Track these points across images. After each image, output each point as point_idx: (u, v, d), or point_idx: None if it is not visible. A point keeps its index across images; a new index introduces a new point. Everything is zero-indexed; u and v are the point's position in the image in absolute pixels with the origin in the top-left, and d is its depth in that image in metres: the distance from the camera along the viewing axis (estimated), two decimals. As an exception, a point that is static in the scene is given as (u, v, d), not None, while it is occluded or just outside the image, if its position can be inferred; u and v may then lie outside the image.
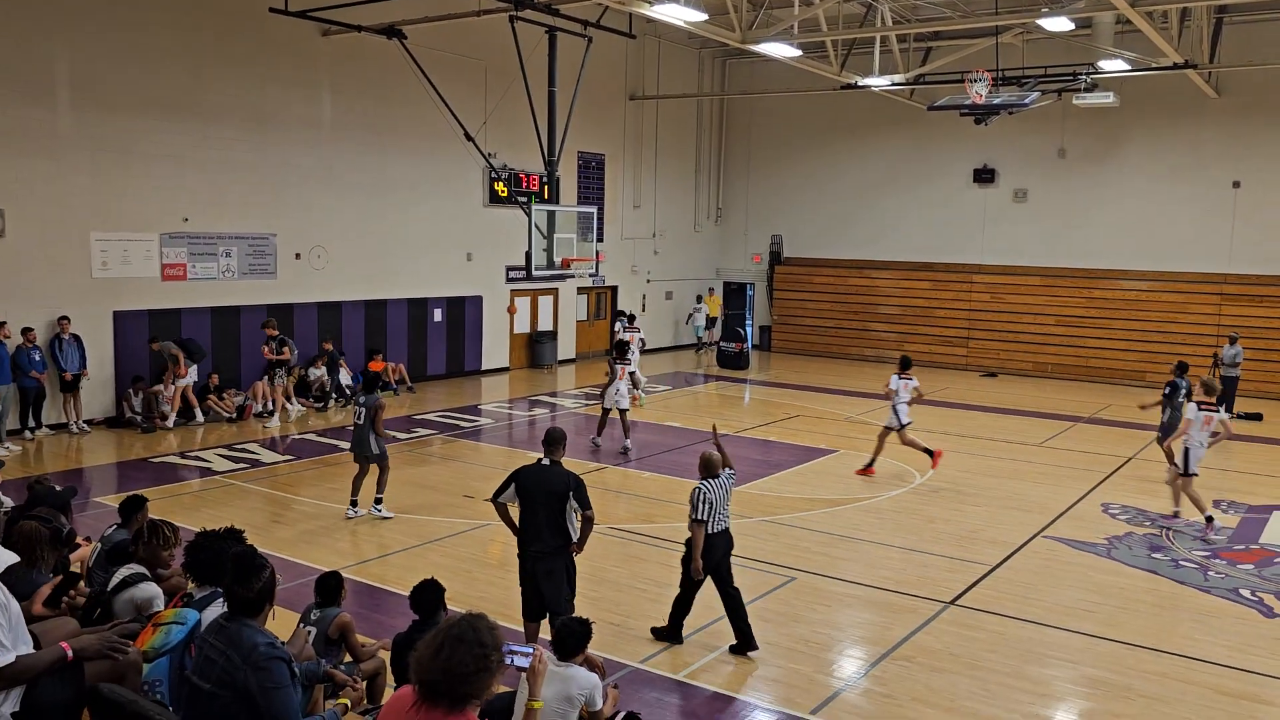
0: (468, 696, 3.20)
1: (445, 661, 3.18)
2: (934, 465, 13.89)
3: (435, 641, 3.24)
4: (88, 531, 7.94)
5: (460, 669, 3.16)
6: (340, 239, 19.36)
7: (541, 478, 7.16)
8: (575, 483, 7.10)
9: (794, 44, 17.90)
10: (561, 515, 7.08)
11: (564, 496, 7.04)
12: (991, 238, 25.75)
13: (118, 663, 4.40)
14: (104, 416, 16.16)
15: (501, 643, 3.29)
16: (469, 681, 3.18)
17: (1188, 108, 22.67)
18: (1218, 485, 13.96)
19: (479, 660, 3.17)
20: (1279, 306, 22.03)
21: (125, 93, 15.88)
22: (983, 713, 6.92)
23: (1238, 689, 7.43)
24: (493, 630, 3.29)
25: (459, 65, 20.47)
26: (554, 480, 7.12)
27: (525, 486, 7.18)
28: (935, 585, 9.48)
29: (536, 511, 7.13)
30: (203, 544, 4.94)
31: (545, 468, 7.22)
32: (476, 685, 3.19)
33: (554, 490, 7.07)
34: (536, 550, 7.16)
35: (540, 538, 7.13)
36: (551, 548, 7.13)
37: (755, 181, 29.37)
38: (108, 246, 15.93)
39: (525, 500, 7.17)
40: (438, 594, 6.00)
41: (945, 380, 23.75)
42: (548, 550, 7.13)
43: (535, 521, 7.14)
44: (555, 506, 7.07)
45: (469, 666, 3.16)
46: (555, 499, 7.06)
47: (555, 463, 7.26)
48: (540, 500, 7.10)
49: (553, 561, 7.15)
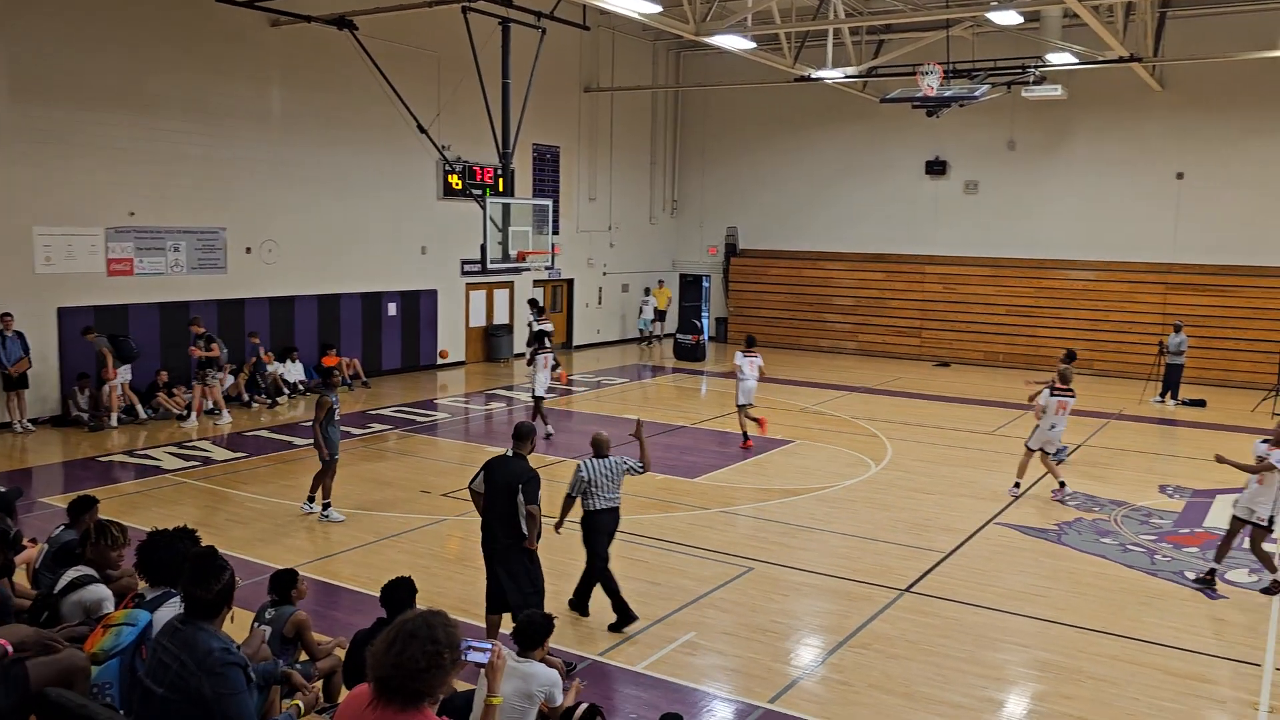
0: (420, 694, 3.17)
1: (397, 657, 3.15)
2: (762, 430, 15.24)
3: (389, 637, 3.20)
4: (34, 533, 7.76)
5: (411, 665, 3.13)
6: (292, 232, 19.08)
7: (503, 470, 7.20)
8: (526, 477, 7.10)
9: (748, 36, 17.96)
10: (514, 509, 7.09)
11: (515, 490, 7.06)
12: (943, 229, 26.08)
13: (65, 667, 4.31)
14: (49, 415, 15.79)
15: (457, 641, 3.25)
16: (420, 678, 3.14)
17: (1133, 101, 23.12)
18: (1163, 470, 14.31)
19: (430, 657, 3.13)
20: (1222, 295, 22.57)
21: (66, 83, 15.49)
22: (938, 698, 7.03)
23: (1184, 669, 7.62)
24: (448, 627, 3.25)
25: (411, 57, 20.25)
26: (510, 473, 7.15)
27: (490, 477, 7.23)
28: (891, 573, 9.60)
29: (495, 503, 7.18)
30: (156, 543, 4.84)
31: (507, 460, 7.26)
32: (428, 682, 3.15)
33: (509, 483, 7.11)
34: (493, 542, 7.21)
35: (495, 530, 7.18)
36: (505, 542, 7.15)
37: (710, 174, 29.44)
38: (51, 241, 15.54)
39: (488, 491, 7.23)
40: (409, 592, 5.95)
41: (898, 370, 24.05)
42: (502, 544, 7.16)
43: (494, 513, 7.19)
44: (509, 500, 7.09)
45: (420, 663, 3.12)
46: (509, 492, 7.09)
47: (518, 455, 7.28)
48: (498, 492, 7.15)
49: (509, 555, 7.15)
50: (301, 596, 6.36)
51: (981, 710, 6.89)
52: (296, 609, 6.17)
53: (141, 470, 13.10)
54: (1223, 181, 22.64)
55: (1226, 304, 22.46)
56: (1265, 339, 21.56)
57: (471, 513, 11.28)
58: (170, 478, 12.70)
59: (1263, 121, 22.09)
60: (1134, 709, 6.94)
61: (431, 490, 12.22)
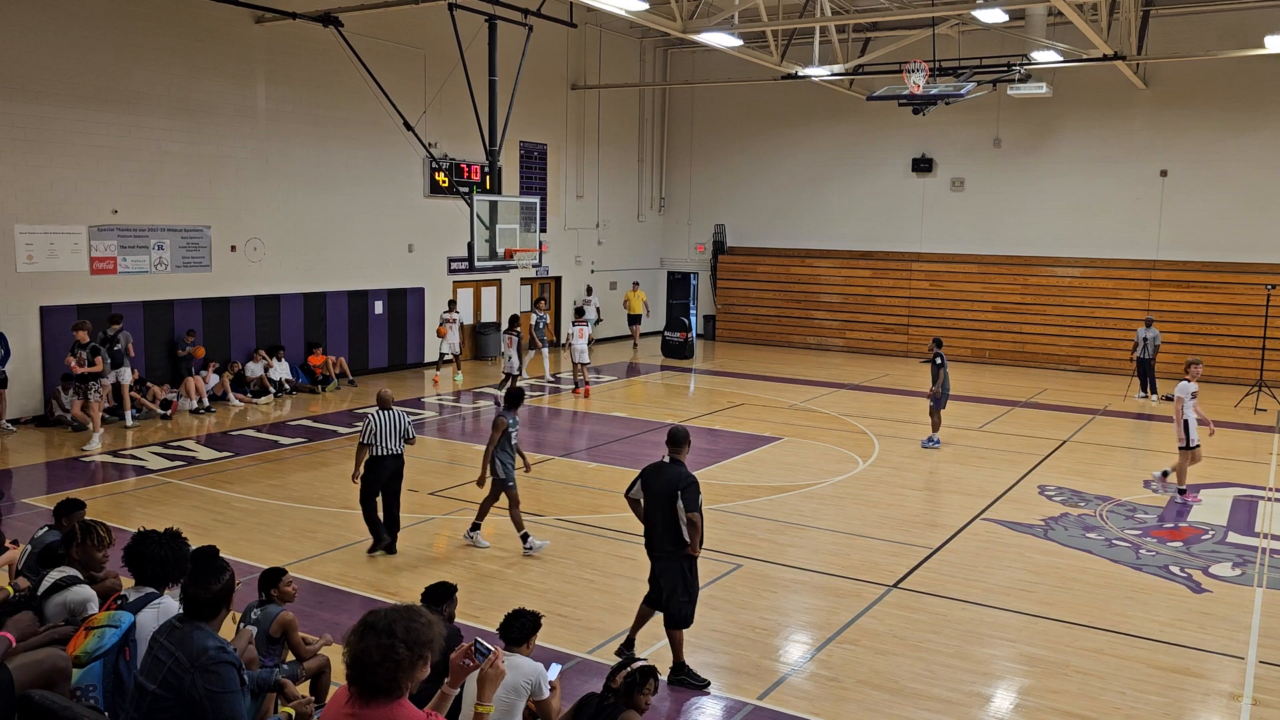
0: (376, 687, 3.15)
1: (354, 648, 3.17)
2: (585, 395, 18.40)
3: (355, 628, 3.21)
4: (16, 534, 7.71)
5: (365, 657, 3.13)
6: (277, 230, 18.99)
7: (660, 476, 7.07)
8: (685, 483, 6.96)
9: (735, 34, 17.96)
10: (675, 516, 6.95)
11: (674, 496, 6.92)
12: (930, 226, 26.17)
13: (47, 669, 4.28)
14: (32, 415, 15.67)
15: (422, 638, 3.19)
16: (375, 670, 3.13)
17: (1117, 99, 23.24)
18: (1146, 465, 14.38)
19: (384, 650, 3.12)
20: (1205, 292, 22.72)
21: (48, 80, 15.37)
22: (926, 693, 7.05)
23: (1169, 663, 7.66)
24: (411, 623, 3.20)
25: (398, 54, 20.18)
26: (669, 480, 7.01)
27: (648, 485, 7.13)
28: (878, 569, 9.63)
29: (655, 511, 7.07)
30: (143, 544, 4.76)
31: (664, 466, 7.13)
32: (383, 675, 3.13)
33: (668, 490, 6.97)
34: (656, 550, 7.13)
35: (658, 538, 7.08)
36: (667, 549, 7.04)
37: (698, 171, 29.45)
38: (33, 239, 15.42)
39: (647, 500, 7.14)
40: (443, 596, 6.01)
41: (886, 367, 24.12)
42: (664, 551, 7.05)
43: (655, 521, 7.09)
44: (669, 506, 6.95)
45: (373, 656, 3.12)
46: (669, 499, 6.95)
47: (675, 461, 7.14)
48: (657, 499, 7.03)
49: (669, 563, 7.06)
50: (288, 599, 6.28)
51: (969, 705, 6.92)
52: (283, 609, 6.13)
53: (126, 470, 13.02)
54: (1206, 179, 22.79)
55: (1210, 300, 22.61)
56: (1248, 335, 21.70)
57: (458, 511, 11.29)
58: (155, 478, 12.63)
59: (1246, 119, 22.24)
60: (1120, 702, 6.98)
61: (419, 489, 12.18)
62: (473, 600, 8.45)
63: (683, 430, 7.32)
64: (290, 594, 6.32)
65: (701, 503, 7.04)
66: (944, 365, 15.05)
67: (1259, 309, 20.55)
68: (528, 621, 5.58)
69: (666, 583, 7.09)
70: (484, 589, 8.85)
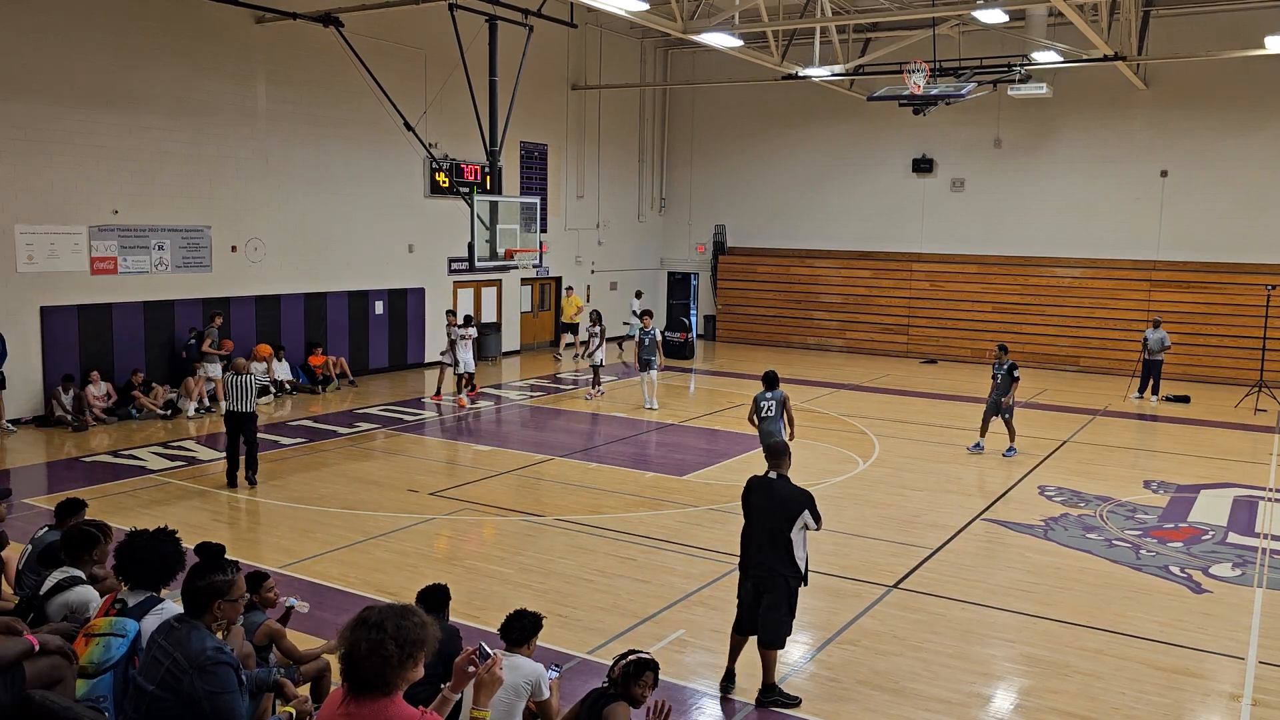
0: (365, 681, 3.16)
1: (344, 641, 3.20)
2: (468, 398, 17.99)
3: (351, 621, 3.23)
4: (16, 534, 7.71)
5: (354, 650, 3.16)
6: (278, 231, 18.99)
7: (770, 493, 6.86)
8: (808, 500, 6.79)
9: (735, 34, 17.96)
10: (786, 534, 6.73)
11: (792, 516, 6.72)
12: (930, 226, 26.16)
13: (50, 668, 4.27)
14: (32, 415, 15.68)
15: (412, 637, 3.20)
16: (361, 665, 3.15)
17: (1117, 99, 23.24)
18: (1146, 465, 14.39)
19: (372, 645, 3.14)
20: (1205, 292, 22.73)
21: (48, 80, 15.37)
22: (926, 693, 7.05)
23: (1169, 663, 7.67)
24: (403, 621, 3.20)
25: (398, 54, 20.18)
26: (784, 498, 6.81)
27: (756, 502, 6.91)
28: (878, 569, 9.63)
29: (761, 528, 6.86)
30: (135, 544, 4.68)
31: (772, 483, 6.90)
32: (370, 670, 3.14)
33: (785, 508, 6.76)
34: (760, 569, 6.88)
35: (762, 556, 6.84)
36: (774, 569, 6.80)
37: (698, 171, 29.45)
38: (33, 240, 15.43)
39: (754, 516, 6.90)
40: (440, 599, 5.92)
41: (886, 367, 24.11)
42: (771, 570, 6.81)
43: (760, 539, 6.86)
44: (783, 524, 6.75)
45: (361, 649, 3.14)
46: (785, 517, 6.75)
47: (783, 478, 6.92)
48: (767, 516, 6.81)
49: (776, 582, 6.84)
50: (269, 604, 6.11)
51: (969, 705, 6.92)
52: (266, 616, 5.95)
53: (126, 471, 13.02)
54: (1206, 179, 22.79)
55: (1210, 301, 22.61)
56: (1248, 335, 21.69)
57: (458, 511, 11.31)
58: (155, 478, 12.63)
59: (1246, 119, 22.24)
60: (1120, 702, 6.98)
61: (419, 489, 12.19)
62: (473, 600, 8.45)
63: (782, 442, 7.17)
64: (272, 599, 6.18)
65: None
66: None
67: (1259, 309, 20.55)
68: (528, 622, 5.58)
69: (770, 600, 6.80)
70: (484, 589, 8.86)
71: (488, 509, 11.52)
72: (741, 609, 7.00)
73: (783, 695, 6.92)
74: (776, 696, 6.90)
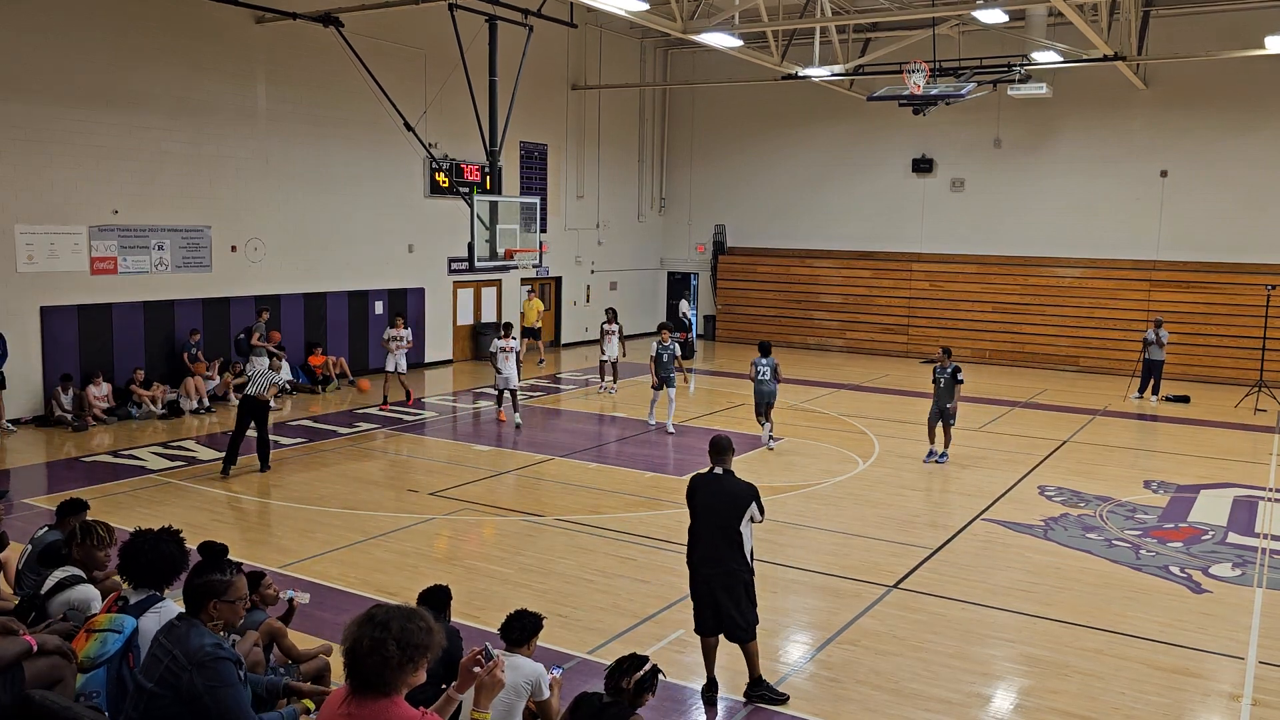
0: (365, 679, 3.17)
1: (347, 639, 3.21)
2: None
3: (358, 617, 3.24)
4: (16, 534, 7.71)
5: (356, 647, 3.17)
6: (278, 231, 18.99)
7: (718, 488, 6.86)
8: (754, 494, 6.79)
9: (735, 34, 17.96)
10: (736, 528, 6.74)
11: (741, 510, 6.72)
12: (930, 226, 26.17)
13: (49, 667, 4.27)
14: (32, 415, 15.68)
15: (415, 640, 3.20)
16: (362, 662, 3.16)
17: (1117, 99, 23.24)
18: (1145, 465, 14.39)
19: (374, 643, 3.15)
20: (1205, 292, 22.73)
21: (47, 80, 15.37)
22: (926, 693, 7.05)
23: (1169, 663, 7.67)
24: (408, 623, 3.21)
25: (398, 54, 20.18)
26: (732, 493, 6.82)
27: (702, 499, 6.89)
28: (878, 569, 9.63)
29: (712, 523, 6.83)
30: (139, 544, 4.73)
31: (720, 478, 6.89)
32: (368, 666, 3.15)
33: (733, 503, 6.76)
34: (712, 565, 6.84)
35: (715, 552, 6.80)
36: (729, 565, 6.78)
37: (698, 171, 29.45)
38: (33, 240, 15.43)
39: (702, 512, 6.87)
40: (442, 600, 5.91)
41: (886, 367, 24.12)
42: (726, 567, 6.79)
43: (710, 534, 6.83)
44: (731, 519, 6.75)
45: (363, 647, 3.15)
46: (733, 512, 6.73)
47: (728, 472, 6.92)
48: (715, 513, 6.80)
49: (732, 578, 6.82)
50: (269, 602, 6.11)
51: (969, 705, 6.92)
52: (266, 615, 5.96)
53: (126, 470, 13.02)
54: (1206, 179, 22.79)
55: (1210, 301, 22.62)
56: (1248, 335, 21.70)
57: (457, 512, 11.31)
58: (155, 478, 12.63)
59: (1246, 119, 22.24)
60: (1120, 702, 6.98)
61: (419, 489, 12.19)
62: (473, 600, 8.46)
63: (726, 439, 7.19)
64: (271, 596, 6.21)
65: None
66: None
67: (1259, 309, 20.55)
68: (529, 623, 5.58)
69: (727, 598, 6.80)
70: (484, 589, 8.86)
71: (488, 509, 11.52)
72: (704, 610, 6.96)
73: (770, 690, 6.93)
74: (764, 691, 6.91)
